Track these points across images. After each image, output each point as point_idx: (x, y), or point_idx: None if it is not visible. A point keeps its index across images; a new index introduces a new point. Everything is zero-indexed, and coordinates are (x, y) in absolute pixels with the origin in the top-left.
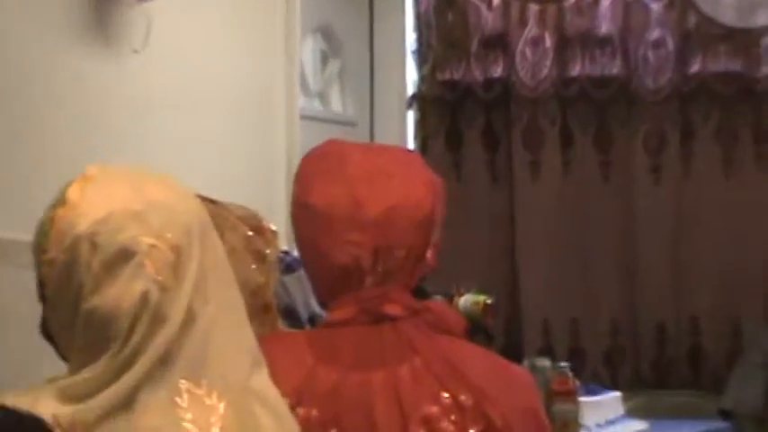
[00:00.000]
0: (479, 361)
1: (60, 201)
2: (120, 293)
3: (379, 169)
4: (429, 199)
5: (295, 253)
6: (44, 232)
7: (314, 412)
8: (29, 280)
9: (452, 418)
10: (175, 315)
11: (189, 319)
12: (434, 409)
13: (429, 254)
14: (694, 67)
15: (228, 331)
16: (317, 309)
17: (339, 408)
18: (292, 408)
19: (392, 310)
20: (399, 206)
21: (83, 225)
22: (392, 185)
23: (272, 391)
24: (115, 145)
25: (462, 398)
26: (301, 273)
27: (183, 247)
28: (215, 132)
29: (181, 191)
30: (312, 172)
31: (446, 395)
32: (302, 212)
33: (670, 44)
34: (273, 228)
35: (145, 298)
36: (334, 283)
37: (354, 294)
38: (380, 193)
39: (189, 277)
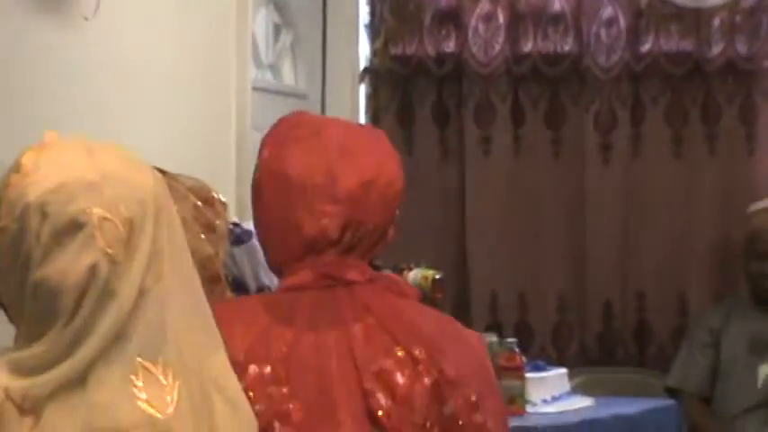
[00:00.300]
0: (433, 319)
1: (15, 167)
2: (68, 266)
3: (355, 144)
4: (399, 177)
5: (245, 225)
6: None
7: (267, 370)
8: None
9: (406, 371)
10: (126, 290)
11: (142, 295)
12: (388, 363)
13: (390, 230)
14: (646, 46)
15: (185, 309)
16: (265, 281)
17: (292, 366)
18: (244, 365)
19: (350, 275)
20: (373, 182)
21: (34, 194)
22: (368, 161)
23: (231, 378)
24: (63, 113)
25: (416, 352)
26: (251, 245)
27: (136, 221)
28: (165, 102)
29: (138, 164)
30: (284, 140)
31: (399, 349)
32: (272, 179)
33: (622, 22)
34: (223, 199)
35: (93, 271)
36: (296, 250)
37: (313, 261)
38: (356, 168)
39: (141, 252)
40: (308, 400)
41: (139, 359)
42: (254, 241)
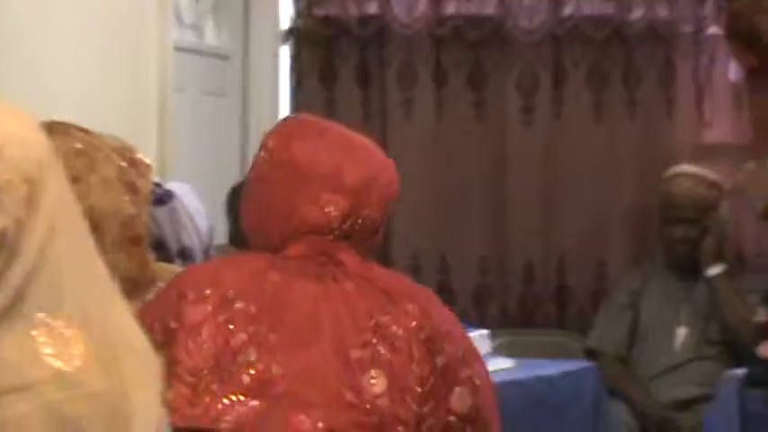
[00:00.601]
0: (415, 285)
1: None
2: None
3: (359, 144)
4: (397, 180)
5: (168, 185)
6: None
7: (252, 308)
8: None
9: (401, 324)
10: (29, 249)
11: (41, 252)
12: (384, 318)
13: (381, 231)
14: (567, 10)
15: (82, 263)
16: (186, 241)
17: (281, 308)
18: (231, 300)
19: (342, 256)
20: (376, 180)
21: None
22: (372, 160)
23: (135, 327)
24: None
25: (409, 307)
26: (172, 206)
27: (36, 181)
28: (84, 62)
29: (32, 122)
30: (290, 133)
31: (393, 306)
32: (279, 167)
33: None
34: (147, 160)
35: (2, 235)
36: (296, 232)
37: (311, 240)
38: (362, 164)
39: (42, 210)
40: (288, 335)
41: (41, 315)
42: (176, 202)
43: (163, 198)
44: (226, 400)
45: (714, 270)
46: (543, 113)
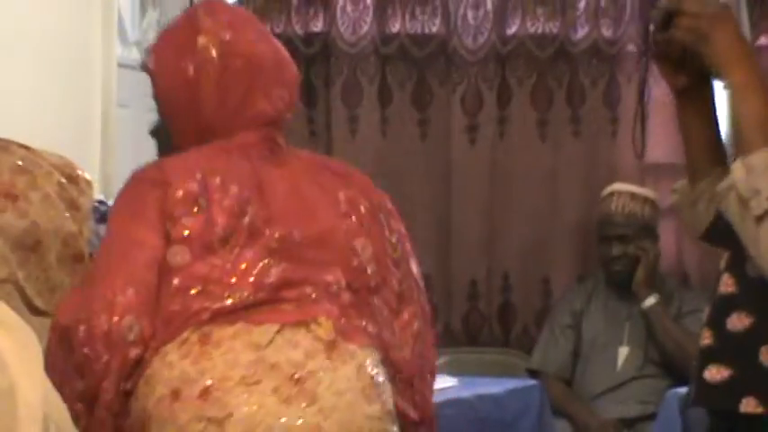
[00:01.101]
0: (351, 167)
1: None
2: None
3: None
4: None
5: (110, 202)
6: None
7: (244, 191)
8: None
9: (365, 197)
10: None
11: None
12: (350, 193)
13: None
14: (512, 29)
15: None
16: None
17: (267, 189)
18: (204, 182)
19: (281, 142)
20: (294, 71)
21: None
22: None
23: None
24: None
25: (361, 184)
26: None
27: None
28: (30, 78)
29: None
30: (233, 24)
31: (349, 183)
32: (230, 59)
33: (489, 4)
34: (88, 177)
35: None
36: (246, 123)
37: (258, 130)
38: (285, 54)
39: None
40: (292, 209)
41: None
42: None
43: (106, 215)
44: (261, 264)
45: (647, 302)
46: (488, 132)
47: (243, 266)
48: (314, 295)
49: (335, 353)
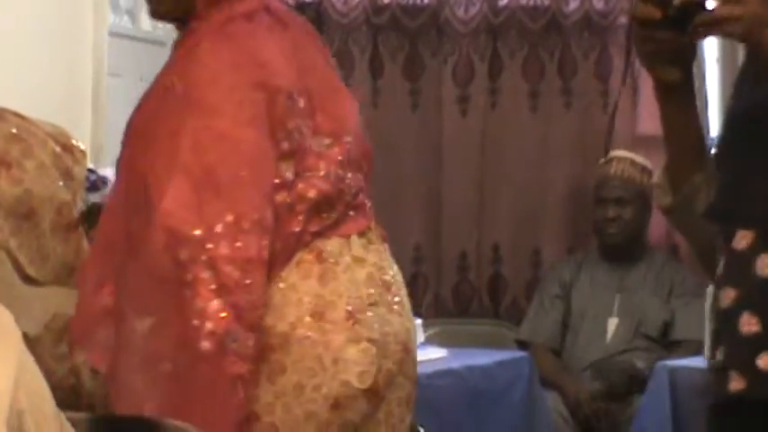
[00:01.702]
0: None
1: None
2: None
3: None
4: None
5: (101, 171)
6: None
7: (314, 84)
8: None
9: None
10: None
11: None
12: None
13: None
14: (504, 1)
15: None
16: None
17: (314, 68)
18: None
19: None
20: None
21: None
22: None
23: None
24: None
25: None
26: (107, 191)
27: None
28: (21, 47)
29: None
30: None
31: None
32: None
33: None
34: (82, 146)
35: None
36: None
37: None
38: None
39: None
40: (332, 100)
41: None
42: (110, 188)
43: (96, 183)
44: (345, 175)
45: None
46: (479, 103)
47: (333, 178)
48: (366, 200)
49: (386, 253)
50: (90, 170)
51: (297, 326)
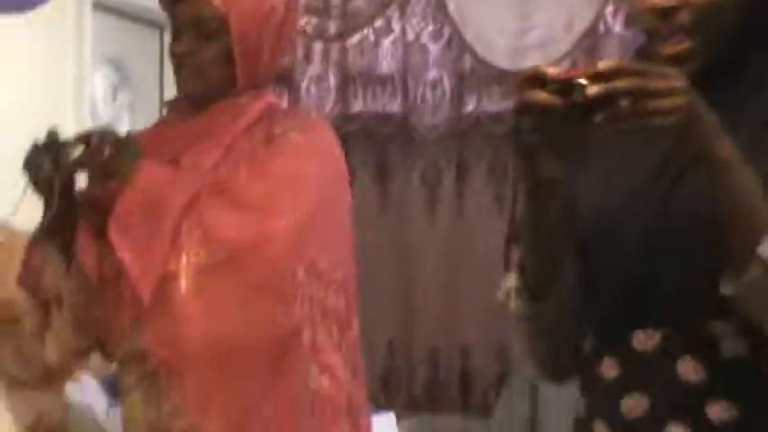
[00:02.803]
0: None
1: None
2: None
3: None
4: None
5: None
6: None
7: None
8: None
9: None
10: None
11: None
12: None
13: None
14: (469, 107)
15: None
16: None
17: None
18: None
19: None
20: None
21: None
22: None
23: None
24: None
25: None
26: None
27: None
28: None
29: None
30: None
31: None
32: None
33: (447, 84)
34: None
35: None
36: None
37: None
38: None
39: None
40: None
41: None
42: None
43: None
44: None
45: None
46: (447, 206)
47: None
48: None
49: None
50: None
51: None
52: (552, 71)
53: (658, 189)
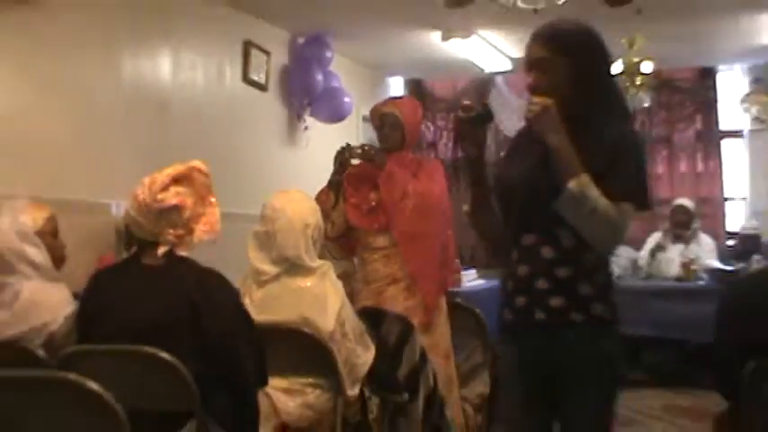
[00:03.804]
0: None
1: None
2: None
3: None
4: None
5: None
6: None
7: None
8: None
9: None
10: None
11: None
12: None
13: None
14: None
15: None
16: None
17: None
18: None
19: None
20: None
21: None
22: None
23: None
24: None
25: None
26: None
27: None
28: None
29: None
30: None
31: None
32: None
33: None
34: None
35: None
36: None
37: None
38: None
39: None
40: None
41: None
42: None
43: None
44: None
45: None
46: None
47: None
48: None
49: None
50: None
51: None
52: (467, 102)
53: (536, 163)
